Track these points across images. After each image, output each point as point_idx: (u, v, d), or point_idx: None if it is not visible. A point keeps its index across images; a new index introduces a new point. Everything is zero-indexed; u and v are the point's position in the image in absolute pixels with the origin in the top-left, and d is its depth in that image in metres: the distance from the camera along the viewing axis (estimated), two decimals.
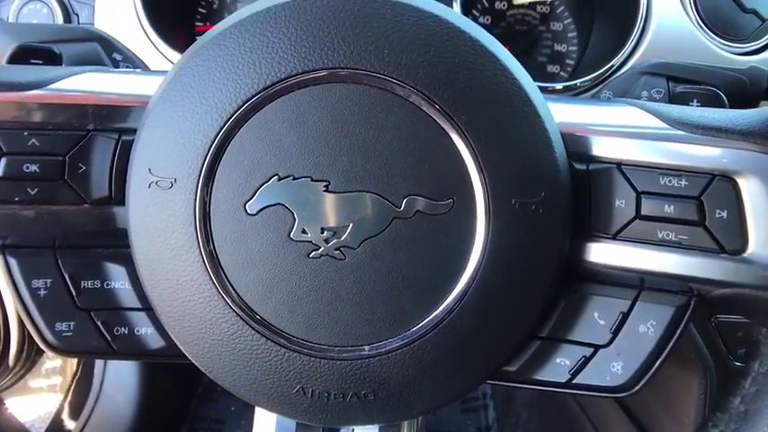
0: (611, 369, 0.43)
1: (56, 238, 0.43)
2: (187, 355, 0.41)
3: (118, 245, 0.42)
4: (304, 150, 0.37)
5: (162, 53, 0.88)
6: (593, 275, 0.43)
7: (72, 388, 1.40)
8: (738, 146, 0.40)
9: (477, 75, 0.38)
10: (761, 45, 0.84)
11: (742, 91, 0.55)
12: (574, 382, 0.43)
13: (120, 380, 1.31)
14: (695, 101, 0.51)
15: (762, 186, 0.39)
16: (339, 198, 0.37)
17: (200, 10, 1.02)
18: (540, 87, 0.85)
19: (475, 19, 0.99)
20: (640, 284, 0.42)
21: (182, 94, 0.38)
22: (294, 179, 0.37)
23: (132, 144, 0.41)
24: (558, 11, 1.00)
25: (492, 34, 0.94)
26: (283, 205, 0.38)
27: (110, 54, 0.54)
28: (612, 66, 0.84)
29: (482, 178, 0.37)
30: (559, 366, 0.43)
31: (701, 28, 0.84)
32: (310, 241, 0.38)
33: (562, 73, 0.99)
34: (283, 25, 0.37)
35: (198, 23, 1.02)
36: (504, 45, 0.95)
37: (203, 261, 0.38)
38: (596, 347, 0.43)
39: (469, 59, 0.38)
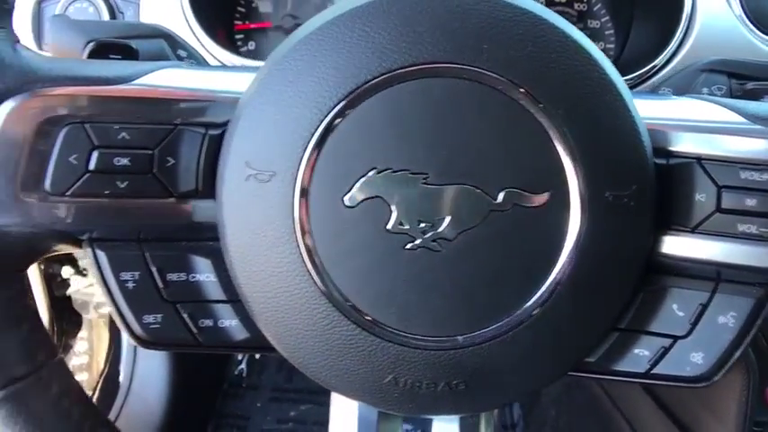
0: (691, 359, 0.43)
1: (140, 231, 0.43)
2: (276, 346, 0.42)
3: (202, 238, 0.43)
4: (403, 144, 0.38)
5: (207, 49, 0.88)
6: (672, 268, 0.43)
7: (99, 385, 1.41)
8: None
9: (572, 70, 0.38)
10: None
11: None
12: (653, 372, 0.44)
13: (148, 378, 1.32)
14: (766, 97, 0.51)
15: None
16: (437, 190, 0.38)
17: (240, 8, 1.03)
18: None
19: None
20: (718, 276, 0.43)
21: (280, 89, 0.38)
22: (393, 172, 0.38)
23: (219, 139, 0.41)
24: (595, 8, 0.99)
25: None
26: (381, 198, 0.38)
27: (175, 51, 0.55)
28: (656, 65, 0.84)
29: (577, 171, 0.38)
30: (638, 357, 0.44)
31: (747, 25, 0.84)
32: (407, 233, 0.38)
33: None
34: (382, 20, 0.38)
35: (237, 22, 1.03)
36: None
37: (300, 253, 0.38)
38: (675, 338, 0.43)
39: (565, 55, 0.38)
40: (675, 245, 0.42)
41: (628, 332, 0.44)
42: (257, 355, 1.64)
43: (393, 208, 0.38)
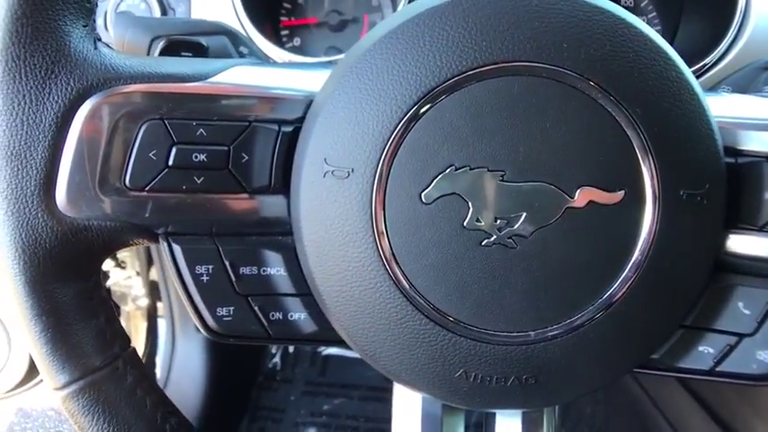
0: (758, 357, 0.43)
1: (214, 225, 0.44)
2: (346, 339, 0.43)
3: (274, 233, 0.44)
4: (481, 141, 0.38)
5: (255, 41, 0.90)
6: (739, 266, 0.43)
7: None
8: None
9: (649, 69, 0.38)
10: None
11: None
12: (718, 369, 0.44)
13: (185, 369, 1.35)
14: None
15: None
16: (514, 188, 0.38)
17: (286, 5, 1.04)
18: None
19: None
20: None
21: (358, 87, 0.39)
22: (470, 169, 0.38)
23: (292, 136, 0.42)
24: (642, 4, 0.99)
25: None
26: (458, 195, 0.39)
27: (237, 47, 0.56)
28: (706, 63, 0.83)
29: (653, 169, 0.38)
30: (703, 354, 0.44)
31: None
32: (483, 230, 0.39)
33: None
34: (462, 19, 0.38)
35: (283, 18, 1.04)
36: None
37: (377, 248, 0.39)
38: (741, 336, 0.44)
39: (642, 54, 0.39)
40: (743, 243, 0.43)
41: (693, 329, 0.44)
42: (290, 349, 1.66)
43: (470, 205, 0.39)
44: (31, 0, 0.38)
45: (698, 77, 0.83)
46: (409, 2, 0.91)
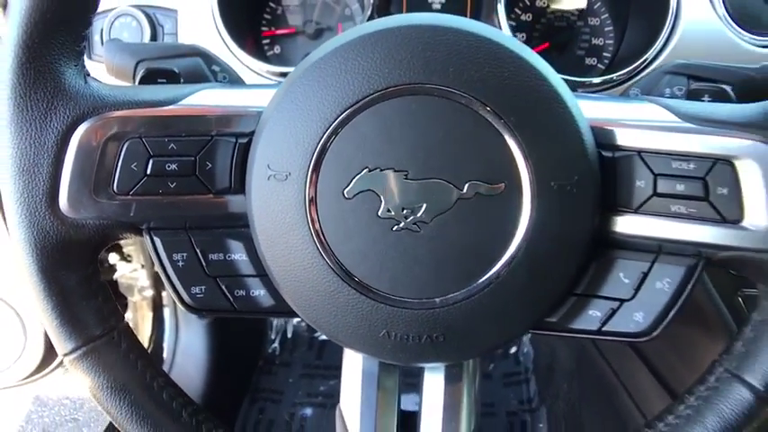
0: (634, 318, 0.52)
1: (186, 221, 0.54)
2: (295, 309, 0.52)
3: (236, 225, 0.54)
4: (388, 148, 0.48)
5: (237, 57, 0.99)
6: (620, 243, 0.52)
7: None
8: (736, 135, 0.49)
9: (522, 84, 0.48)
10: None
11: (752, 86, 0.62)
12: (604, 329, 0.53)
13: (189, 355, 1.44)
14: (707, 96, 0.60)
15: (756, 168, 0.48)
16: (416, 184, 0.48)
17: (266, 16, 1.13)
18: (580, 82, 0.93)
19: (517, 17, 1.08)
20: (658, 250, 0.52)
21: (293, 106, 0.49)
22: (381, 170, 0.48)
23: (246, 146, 0.52)
24: (595, 6, 1.07)
25: (533, 30, 1.03)
26: (372, 191, 0.48)
27: (210, 66, 0.65)
28: (646, 59, 0.91)
29: (528, 166, 0.47)
30: (592, 317, 0.53)
31: (728, 22, 0.90)
32: (394, 218, 0.48)
33: (599, 65, 1.06)
34: (370, 51, 0.48)
35: (264, 29, 1.13)
36: (545, 40, 1.04)
37: (312, 236, 0.49)
38: (622, 301, 0.52)
39: (516, 72, 0.48)
40: (622, 224, 0.51)
41: (583, 296, 0.53)
42: (289, 335, 1.75)
43: (382, 198, 0.48)
44: (33, 49, 0.48)
45: (639, 73, 0.92)
46: (368, 19, 1.00)
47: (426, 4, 1.07)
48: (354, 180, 0.48)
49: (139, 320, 1.48)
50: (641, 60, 0.92)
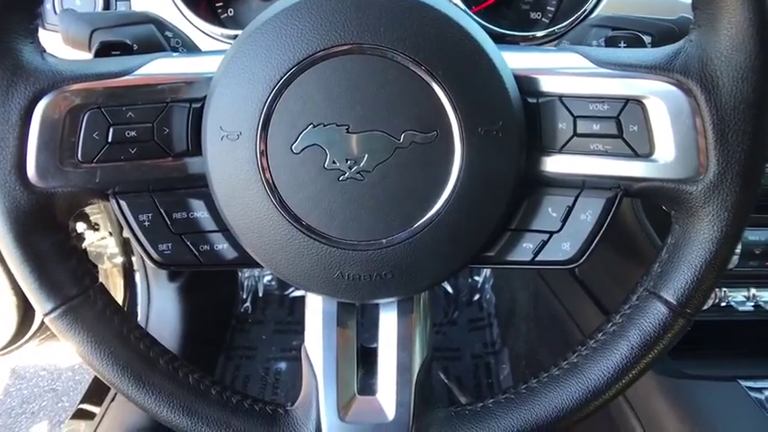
0: (562, 248, 0.58)
1: (149, 184, 0.58)
2: (255, 257, 0.57)
3: (196, 185, 0.58)
4: (329, 105, 0.52)
5: (191, 22, 1.01)
6: (547, 181, 0.57)
7: None
8: (645, 78, 0.54)
9: (448, 40, 0.52)
10: None
11: (673, 37, 0.66)
12: (537, 260, 0.59)
13: (162, 318, 1.48)
14: (622, 43, 0.65)
15: (662, 106, 0.53)
16: (357, 137, 0.52)
17: None
18: (523, 36, 0.97)
19: None
20: (582, 185, 0.57)
21: (239, 71, 0.53)
22: (324, 126, 0.52)
23: (200, 110, 0.56)
24: None
25: None
26: (318, 145, 0.53)
27: (163, 33, 0.68)
28: (584, 11, 0.96)
29: (456, 114, 0.52)
30: (525, 249, 0.59)
31: None
32: (339, 169, 0.53)
33: (543, 19, 1.10)
34: (308, 15, 0.52)
35: None
36: None
37: (265, 189, 0.53)
38: (551, 233, 0.58)
39: (442, 30, 0.52)
40: (548, 163, 0.57)
41: (516, 231, 0.58)
42: (260, 294, 1.79)
43: (327, 151, 0.53)
44: None
45: (579, 23, 0.96)
46: None
47: None
48: (301, 136, 0.53)
49: (111, 287, 1.50)
50: (579, 12, 0.96)
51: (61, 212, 0.58)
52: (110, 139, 0.55)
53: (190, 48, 0.72)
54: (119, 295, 1.50)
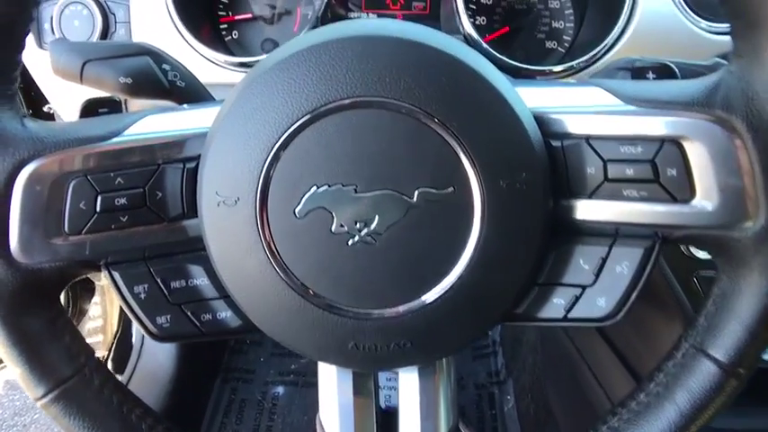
0: (597, 304, 0.52)
1: (145, 251, 0.54)
2: (262, 329, 0.53)
3: (194, 249, 0.53)
4: (333, 164, 0.47)
5: (192, 47, 0.98)
6: (577, 229, 0.52)
7: (114, 346, 1.53)
8: (681, 115, 0.48)
9: (459, 86, 0.47)
10: None
11: None
12: (569, 316, 0.53)
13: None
14: (650, 73, 0.59)
15: (702, 148, 0.48)
16: (366, 197, 0.48)
17: (223, 0, 1.11)
18: (540, 70, 0.93)
19: (477, 0, 1.06)
20: (615, 233, 0.52)
21: (234, 131, 0.48)
22: (329, 187, 0.47)
23: (195, 170, 0.52)
24: None
25: (494, 14, 1.03)
26: (323, 208, 0.48)
27: (159, 65, 0.64)
28: (605, 45, 0.92)
29: (474, 168, 0.47)
30: (556, 305, 0.53)
31: (683, 9, 0.91)
32: (347, 232, 0.48)
33: (559, 49, 1.06)
34: (305, 68, 0.47)
35: (221, 14, 1.11)
36: (505, 24, 1.04)
37: (268, 258, 0.48)
38: (584, 287, 0.53)
39: (451, 74, 0.47)
40: (577, 210, 0.51)
41: (545, 286, 0.53)
42: None
43: (333, 215, 0.48)
44: None
45: (599, 60, 0.92)
46: (326, 5, 0.98)
47: None
48: (304, 199, 0.48)
49: (108, 304, 1.48)
50: (601, 46, 0.92)
51: (50, 288, 0.54)
52: (98, 209, 0.51)
53: (189, 81, 0.68)
54: (114, 313, 1.47)
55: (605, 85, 0.52)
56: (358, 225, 0.48)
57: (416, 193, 0.48)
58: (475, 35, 0.95)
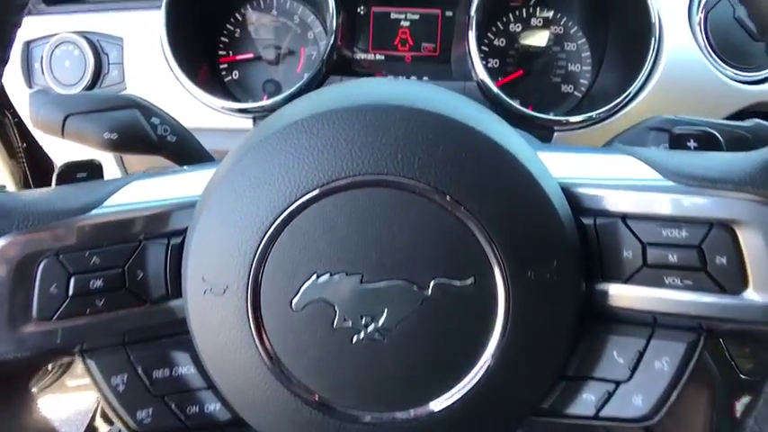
0: (633, 402, 0.46)
1: (124, 335, 0.48)
2: (255, 428, 0.46)
3: (179, 332, 0.47)
4: (337, 250, 0.42)
5: (187, 89, 0.93)
6: (609, 317, 0.47)
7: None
8: (732, 196, 0.43)
9: (481, 164, 0.41)
10: None
11: (745, 147, 0.56)
12: (600, 414, 0.47)
13: None
14: (692, 141, 0.53)
15: (757, 234, 0.42)
16: (373, 288, 0.42)
17: (223, 39, 1.07)
18: (556, 120, 0.88)
19: (490, 42, 1.02)
20: (653, 323, 0.46)
21: (223, 207, 0.42)
22: (331, 276, 0.42)
23: (181, 246, 0.46)
24: (571, 31, 1.02)
25: (507, 56, 0.98)
26: (324, 299, 0.42)
27: (148, 119, 0.59)
28: (629, 94, 0.86)
29: (498, 257, 0.41)
30: (586, 401, 0.47)
31: (711, 56, 0.87)
32: (352, 327, 0.42)
33: (576, 93, 1.01)
34: (306, 140, 0.41)
35: (221, 53, 1.07)
36: (519, 67, 0.99)
37: (260, 354, 0.43)
38: (618, 383, 0.47)
39: (473, 150, 0.41)
40: (611, 296, 0.46)
41: (574, 379, 0.47)
42: None
43: (336, 308, 0.42)
44: None
45: (620, 110, 0.86)
46: (331, 47, 0.93)
47: (393, 31, 1.01)
48: (302, 289, 0.42)
49: None
50: (623, 96, 0.87)
51: (17, 380, 0.48)
52: (71, 292, 0.45)
53: (180, 135, 0.62)
54: None
55: (640, 155, 0.47)
56: (364, 320, 0.42)
57: (431, 284, 0.42)
58: (487, 80, 0.90)
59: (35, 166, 1.20)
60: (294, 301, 0.42)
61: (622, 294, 0.45)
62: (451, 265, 0.42)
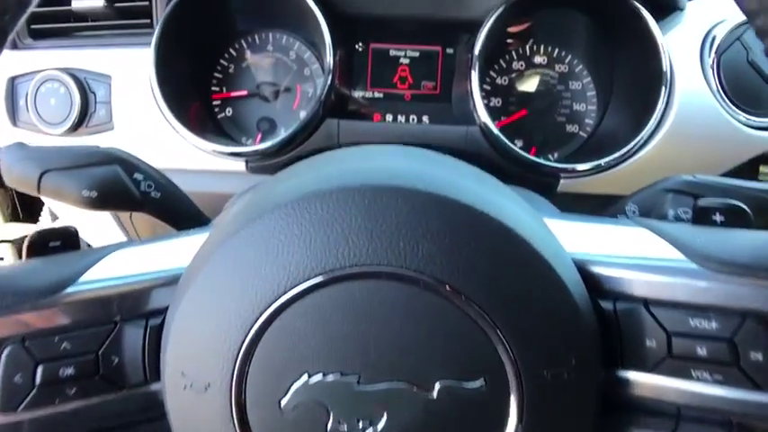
0: None
1: (99, 422, 0.43)
2: None
3: (160, 417, 0.43)
4: (331, 347, 0.37)
5: (177, 131, 0.89)
6: (631, 407, 0.43)
7: None
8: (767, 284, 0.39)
9: (493, 254, 0.37)
10: None
11: None
12: None
13: None
14: (718, 215, 0.49)
15: None
16: (371, 390, 0.38)
17: (217, 75, 1.03)
18: (562, 168, 0.83)
19: (492, 80, 0.98)
20: (678, 413, 0.42)
21: (204, 299, 0.38)
22: (324, 376, 0.37)
23: (160, 328, 0.42)
24: (576, 69, 0.98)
25: (510, 95, 0.93)
26: (317, 401, 0.38)
27: (131, 175, 0.56)
28: (639, 140, 0.83)
29: (510, 355, 0.37)
30: None
31: (724, 101, 0.83)
32: None
33: (581, 133, 0.97)
34: (297, 224, 0.37)
35: (214, 89, 1.03)
36: (523, 106, 0.95)
37: None
38: None
39: (483, 239, 0.37)
40: (633, 385, 0.42)
41: None
42: None
43: (330, 411, 0.38)
44: None
45: (630, 157, 0.83)
46: (329, 85, 0.89)
47: (392, 68, 0.98)
48: (292, 390, 0.38)
49: None
50: (634, 143, 0.83)
51: None
52: (38, 381, 0.41)
53: (164, 191, 0.58)
54: None
55: (664, 233, 0.43)
56: (361, 424, 0.38)
57: (437, 386, 0.38)
58: (490, 124, 0.86)
59: (24, 195, 1.17)
60: (283, 402, 0.38)
61: (644, 383, 0.42)
62: (459, 366, 0.38)
